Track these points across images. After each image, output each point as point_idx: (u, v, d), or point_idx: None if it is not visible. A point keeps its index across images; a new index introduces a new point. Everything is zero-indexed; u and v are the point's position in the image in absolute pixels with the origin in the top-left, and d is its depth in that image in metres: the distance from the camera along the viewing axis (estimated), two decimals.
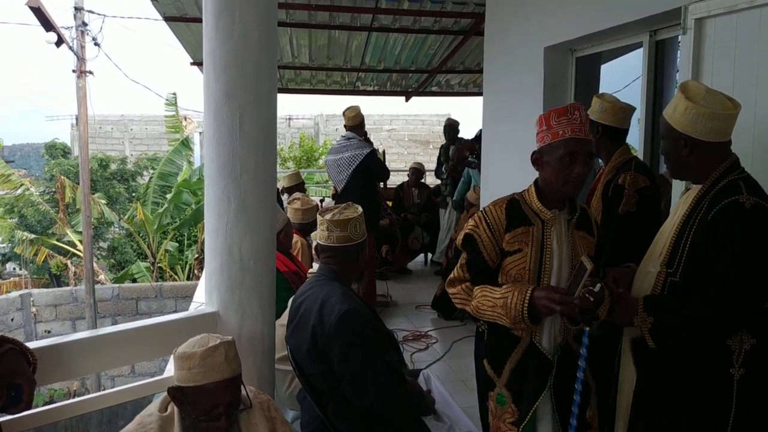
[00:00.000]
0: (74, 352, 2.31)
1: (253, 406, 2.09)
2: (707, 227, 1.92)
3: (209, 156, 2.48)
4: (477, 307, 2.19)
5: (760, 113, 2.40)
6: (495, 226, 2.21)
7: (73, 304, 12.15)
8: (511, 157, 5.00)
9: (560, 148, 2.11)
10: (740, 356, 1.92)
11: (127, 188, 17.49)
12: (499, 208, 2.25)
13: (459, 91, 10.43)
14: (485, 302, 2.17)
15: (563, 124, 2.10)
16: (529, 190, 2.26)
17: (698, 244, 1.95)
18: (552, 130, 2.13)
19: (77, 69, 11.46)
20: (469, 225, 2.27)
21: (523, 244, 2.18)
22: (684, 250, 1.99)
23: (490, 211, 2.25)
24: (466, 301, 2.24)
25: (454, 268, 2.31)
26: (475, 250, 2.23)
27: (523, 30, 4.76)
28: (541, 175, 2.23)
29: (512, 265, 2.19)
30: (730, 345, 1.93)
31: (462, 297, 2.26)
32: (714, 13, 2.72)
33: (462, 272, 2.26)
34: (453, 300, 2.30)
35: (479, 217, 2.26)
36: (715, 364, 1.95)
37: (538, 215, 2.21)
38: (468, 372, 4.89)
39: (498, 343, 2.27)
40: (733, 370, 1.93)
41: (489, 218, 2.23)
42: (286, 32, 7.15)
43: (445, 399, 2.80)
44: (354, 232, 2.60)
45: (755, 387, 1.95)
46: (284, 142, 21.46)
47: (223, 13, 2.38)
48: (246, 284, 2.51)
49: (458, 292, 2.27)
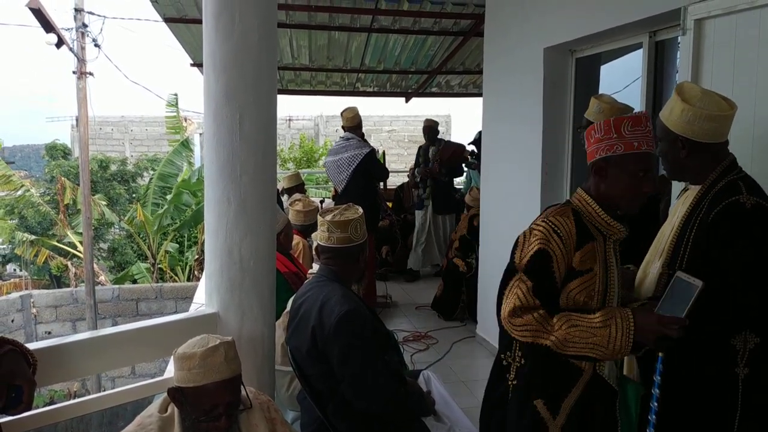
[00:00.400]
0: (74, 353, 2.30)
1: (253, 407, 2.09)
2: (708, 228, 1.93)
3: (209, 157, 2.49)
4: (565, 339, 1.84)
5: (759, 114, 2.40)
6: (568, 241, 1.91)
7: (73, 305, 12.15)
8: (512, 158, 5.00)
9: (635, 161, 1.91)
10: (744, 355, 1.92)
11: (128, 189, 17.50)
12: (568, 219, 1.94)
13: (459, 92, 10.43)
14: (579, 333, 1.83)
15: (638, 135, 1.89)
16: (587, 201, 2.00)
17: (699, 245, 1.96)
18: (624, 139, 1.90)
19: (77, 70, 11.47)
20: (537, 238, 1.92)
21: (593, 262, 1.93)
22: (685, 251, 2.00)
23: (560, 222, 1.93)
24: (542, 333, 1.86)
25: (511, 293, 1.93)
26: (547, 269, 1.90)
27: (523, 31, 4.77)
28: (600, 185, 1.98)
29: (579, 288, 1.92)
30: (735, 344, 1.92)
31: (534, 328, 1.87)
32: (714, 14, 2.72)
33: (530, 298, 1.88)
34: (517, 333, 1.90)
35: (547, 229, 1.92)
36: (719, 363, 1.95)
37: (600, 230, 1.98)
38: (468, 373, 4.90)
39: (557, 378, 1.97)
40: (738, 369, 1.92)
41: (561, 231, 1.91)
42: (286, 33, 7.16)
43: (445, 400, 2.79)
44: (354, 233, 2.60)
45: (760, 386, 1.94)
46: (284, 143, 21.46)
47: (223, 14, 2.38)
48: (246, 285, 2.51)
49: (529, 322, 1.87)
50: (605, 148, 1.93)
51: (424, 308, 6.53)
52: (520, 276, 1.92)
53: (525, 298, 1.89)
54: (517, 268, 1.94)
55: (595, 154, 1.97)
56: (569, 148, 4.49)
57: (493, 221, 5.42)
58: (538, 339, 1.87)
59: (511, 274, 1.97)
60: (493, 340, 5.28)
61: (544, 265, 1.89)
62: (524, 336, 1.88)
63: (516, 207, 4.89)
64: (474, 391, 4.53)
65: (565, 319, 1.85)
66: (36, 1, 10.11)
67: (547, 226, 1.92)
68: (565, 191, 4.50)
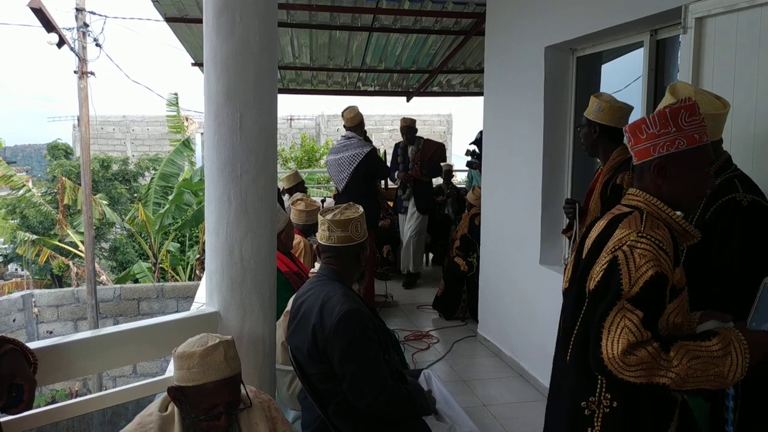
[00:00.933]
0: (75, 353, 2.31)
1: (253, 406, 2.09)
2: (705, 225, 1.93)
3: (210, 156, 2.49)
4: (686, 375, 1.59)
5: (760, 112, 2.39)
6: (671, 256, 1.67)
7: (74, 304, 12.16)
8: (513, 157, 5.00)
9: (699, 156, 1.74)
10: None
11: (129, 189, 17.53)
12: (664, 231, 1.70)
13: (460, 91, 10.43)
14: (700, 366, 1.60)
15: (696, 126, 1.73)
16: (659, 206, 1.77)
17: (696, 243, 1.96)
18: (685, 132, 1.72)
19: (79, 70, 11.48)
20: (647, 259, 1.64)
21: (684, 278, 1.74)
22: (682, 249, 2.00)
23: (662, 236, 1.68)
24: (657, 371, 1.60)
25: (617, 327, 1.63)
26: (661, 294, 1.65)
27: (524, 29, 4.77)
28: (662, 186, 1.78)
29: (677, 308, 1.72)
30: None
31: (649, 366, 1.60)
32: (714, 13, 2.72)
33: (643, 331, 1.61)
34: (630, 374, 1.61)
35: (653, 247, 1.65)
36: None
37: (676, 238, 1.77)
38: (469, 372, 4.90)
39: (656, 416, 1.77)
40: None
41: (665, 246, 1.66)
42: (287, 32, 7.16)
43: (446, 399, 2.79)
44: (355, 232, 2.60)
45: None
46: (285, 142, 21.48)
47: (224, 13, 2.38)
48: (247, 284, 2.51)
49: (644, 360, 1.60)
50: (665, 145, 1.73)
51: (425, 307, 6.53)
52: (626, 305, 1.63)
53: (638, 332, 1.61)
54: (623, 296, 1.64)
55: (651, 151, 1.76)
56: (570, 146, 4.48)
57: (494, 220, 5.42)
58: (653, 378, 1.60)
59: (609, 303, 1.66)
60: (494, 339, 5.29)
61: (659, 291, 1.64)
62: (638, 377, 1.61)
63: (517, 205, 4.89)
64: (475, 390, 4.53)
65: (683, 351, 1.60)
66: (37, 1, 10.12)
67: (652, 243, 1.65)
68: (566, 190, 4.50)
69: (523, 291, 4.79)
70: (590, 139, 3.04)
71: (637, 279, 1.63)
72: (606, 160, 3.00)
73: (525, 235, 4.72)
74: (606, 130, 2.96)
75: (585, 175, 4.32)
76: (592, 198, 3.03)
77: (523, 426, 3.97)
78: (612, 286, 1.67)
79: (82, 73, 11.50)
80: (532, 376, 4.57)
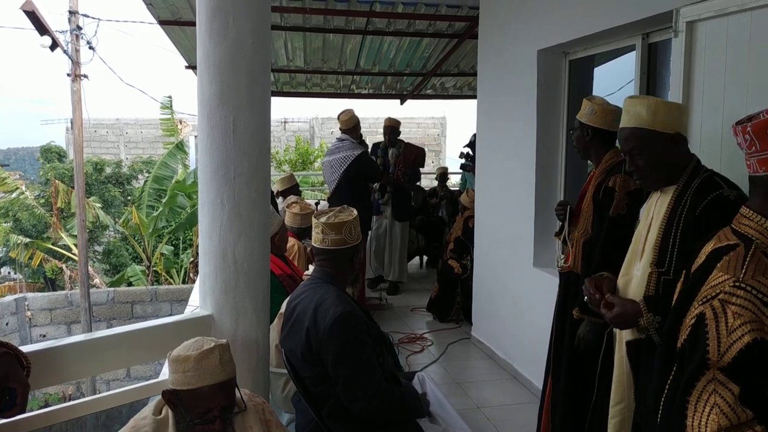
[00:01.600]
0: (68, 356, 2.31)
1: (247, 409, 2.09)
2: (697, 221, 1.96)
3: (203, 159, 2.49)
4: None
5: None
6: None
7: (68, 308, 12.11)
8: (506, 159, 5.02)
9: None
10: None
11: (122, 192, 17.48)
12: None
13: (454, 94, 10.44)
14: None
15: None
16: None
17: (687, 241, 1.97)
18: None
19: (72, 73, 11.45)
20: (743, 320, 1.28)
21: None
22: (674, 248, 2.02)
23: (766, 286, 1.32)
24: None
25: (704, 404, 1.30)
26: (765, 363, 1.27)
27: (517, 33, 4.78)
28: None
29: None
30: None
31: None
32: (705, 17, 2.73)
33: (738, 411, 1.26)
34: None
35: (753, 303, 1.30)
36: None
37: None
38: (463, 374, 4.91)
39: None
40: None
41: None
42: (281, 35, 7.16)
43: (439, 401, 2.80)
44: (349, 235, 2.61)
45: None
46: (280, 145, 21.45)
47: (217, 16, 2.39)
48: (240, 287, 2.51)
49: None
50: None
51: (420, 310, 6.54)
52: (717, 376, 1.29)
53: (733, 413, 1.26)
54: (711, 364, 1.30)
55: None
56: (563, 149, 4.50)
57: (488, 222, 5.43)
58: None
59: (696, 370, 1.33)
60: (488, 342, 5.30)
61: (760, 359, 1.27)
62: None
63: (511, 208, 4.91)
64: (468, 392, 4.54)
65: None
66: (30, 4, 10.10)
67: (752, 298, 1.29)
68: (559, 192, 4.52)
69: (516, 293, 4.80)
70: (583, 141, 3.05)
71: (729, 346, 1.28)
72: (598, 162, 3.01)
73: (518, 238, 4.73)
74: (598, 133, 2.97)
75: (578, 178, 4.34)
76: (584, 200, 3.03)
77: (516, 428, 3.98)
78: (698, 349, 1.34)
79: (75, 76, 11.47)
80: (526, 378, 4.58)
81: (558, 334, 3.16)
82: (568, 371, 3.04)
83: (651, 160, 2.11)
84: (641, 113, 2.10)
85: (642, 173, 2.15)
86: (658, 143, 2.09)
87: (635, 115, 2.12)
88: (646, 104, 2.10)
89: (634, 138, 2.12)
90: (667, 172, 2.12)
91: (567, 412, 3.03)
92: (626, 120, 2.16)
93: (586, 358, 2.76)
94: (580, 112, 3.04)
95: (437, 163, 20.97)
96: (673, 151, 2.11)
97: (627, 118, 2.16)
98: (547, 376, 3.28)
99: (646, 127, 2.09)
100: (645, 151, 2.11)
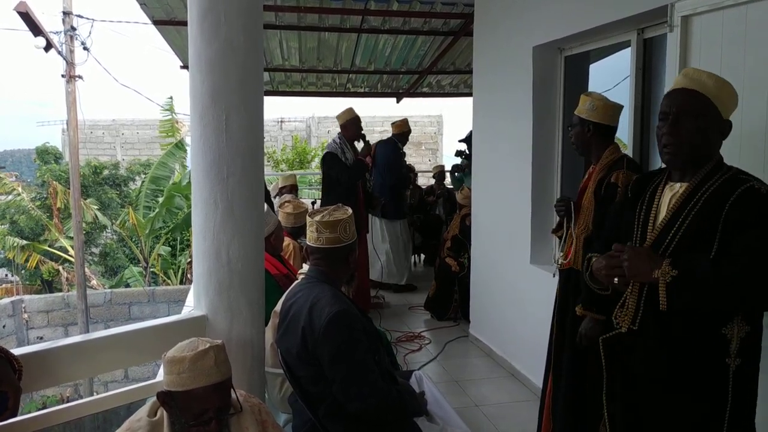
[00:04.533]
0: (63, 358, 2.28)
1: (243, 410, 2.07)
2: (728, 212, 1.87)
3: (195, 159, 2.47)
4: None
5: (746, 109, 2.39)
6: None
7: (65, 310, 12.09)
8: (503, 156, 5.00)
9: None
10: (737, 345, 1.87)
11: (119, 193, 17.45)
12: None
13: (450, 92, 10.43)
14: None
15: None
16: None
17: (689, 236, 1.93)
18: None
19: (67, 74, 11.42)
20: None
21: None
22: (672, 242, 1.97)
23: None
24: None
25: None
26: None
27: (512, 29, 4.77)
28: None
29: None
30: (726, 333, 1.87)
31: None
32: (700, 11, 2.72)
33: None
34: None
35: None
36: (709, 354, 1.89)
37: None
38: (461, 372, 4.90)
39: None
40: (729, 360, 1.87)
41: None
42: (276, 35, 7.14)
43: (437, 400, 2.79)
44: (344, 234, 2.59)
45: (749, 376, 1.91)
46: (277, 144, 21.44)
47: (209, 15, 2.36)
48: (234, 287, 2.49)
49: None
50: None
51: (417, 308, 6.53)
52: None
53: None
54: None
55: None
56: (559, 145, 4.49)
57: (485, 220, 5.42)
58: None
59: None
60: (486, 339, 5.29)
61: None
62: None
63: (508, 205, 4.89)
64: (467, 390, 4.53)
65: None
66: (24, 5, 10.06)
67: None
68: (556, 189, 4.51)
69: (514, 291, 4.79)
70: (583, 137, 3.03)
71: None
72: (598, 158, 2.99)
73: (515, 235, 4.72)
74: (599, 129, 2.97)
75: (574, 174, 4.32)
76: (585, 196, 3.02)
77: (515, 426, 3.97)
78: None
79: (70, 77, 11.43)
80: (524, 375, 4.58)
81: (559, 331, 3.14)
82: (569, 369, 3.02)
83: (696, 131, 1.94)
84: (707, 83, 1.94)
85: (680, 141, 1.97)
86: (712, 118, 1.95)
87: (699, 81, 1.94)
88: (714, 78, 1.95)
89: (691, 99, 1.95)
90: (699, 154, 1.98)
91: (568, 412, 3.02)
92: (686, 83, 1.98)
93: (589, 355, 2.74)
94: (579, 108, 3.03)
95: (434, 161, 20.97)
96: (718, 135, 1.98)
97: (687, 81, 1.98)
98: (547, 375, 3.25)
99: (708, 96, 1.94)
100: (697, 118, 1.94)
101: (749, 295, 1.81)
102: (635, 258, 1.93)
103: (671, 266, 1.84)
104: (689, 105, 1.94)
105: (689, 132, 1.95)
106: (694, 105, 1.94)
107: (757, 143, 2.47)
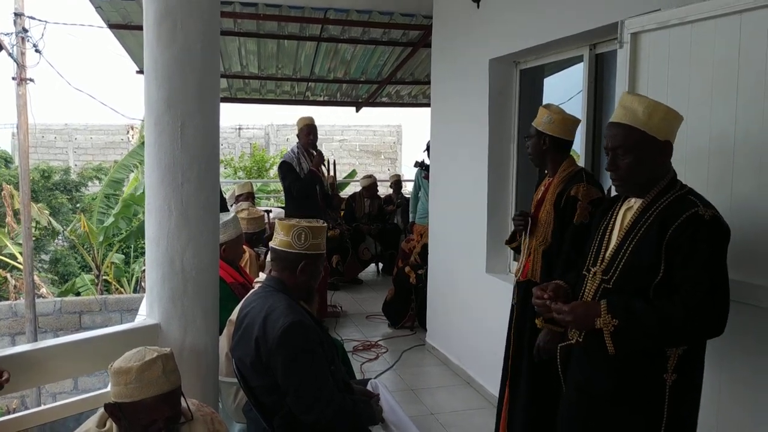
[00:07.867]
0: (10, 368, 2.22)
1: (195, 419, 2.05)
2: (670, 240, 1.92)
3: (150, 165, 2.45)
4: None
5: (692, 125, 2.48)
6: None
7: (12, 318, 11.69)
8: (459, 166, 5.06)
9: None
10: (674, 361, 1.94)
11: (71, 199, 17.00)
12: None
13: (409, 102, 10.50)
14: None
15: None
16: None
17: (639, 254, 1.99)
18: None
19: (17, 76, 11.12)
20: None
21: None
22: (621, 260, 2.03)
23: None
24: None
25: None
26: None
27: (469, 42, 4.85)
28: None
29: None
30: (665, 350, 1.94)
31: None
32: (648, 28, 2.81)
33: None
34: None
35: None
36: (648, 370, 1.96)
37: None
38: (417, 381, 4.92)
39: None
40: (666, 375, 1.94)
41: None
42: (235, 41, 7.09)
43: (392, 408, 2.79)
44: (296, 241, 2.57)
45: (686, 392, 1.98)
46: (234, 151, 21.20)
47: (165, 20, 2.35)
48: (188, 295, 2.47)
49: None
50: None
51: (375, 317, 6.53)
52: None
53: None
54: None
55: None
56: (514, 156, 4.57)
57: (441, 229, 5.47)
58: None
59: None
60: (442, 348, 5.32)
61: None
62: None
63: (464, 214, 4.95)
64: (422, 398, 4.55)
65: None
66: None
67: None
68: (511, 199, 4.58)
69: (469, 299, 4.84)
70: (539, 149, 3.04)
71: None
72: (555, 171, 3.02)
73: (471, 244, 4.77)
74: (556, 142, 2.98)
75: (529, 185, 4.40)
76: (543, 209, 3.03)
77: None
78: None
79: (20, 80, 11.14)
80: (479, 383, 4.62)
81: (517, 343, 3.15)
82: (527, 381, 3.04)
83: (635, 164, 2.01)
84: (637, 111, 1.99)
85: (622, 175, 2.04)
86: (646, 146, 1.99)
87: (630, 111, 2.00)
88: (645, 104, 2.00)
89: (623, 137, 2.01)
90: (646, 180, 2.04)
91: (527, 422, 3.05)
92: (620, 115, 2.04)
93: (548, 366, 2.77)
94: (537, 120, 3.05)
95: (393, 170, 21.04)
96: (659, 159, 2.02)
97: (621, 114, 2.04)
98: (504, 384, 3.26)
99: (639, 128, 1.98)
100: (631, 153, 2.00)
101: (692, 332, 1.90)
102: (572, 315, 2.01)
103: (610, 314, 1.91)
104: (622, 140, 2.02)
105: (628, 165, 2.02)
106: (627, 139, 2.01)
107: (701, 158, 2.56)
